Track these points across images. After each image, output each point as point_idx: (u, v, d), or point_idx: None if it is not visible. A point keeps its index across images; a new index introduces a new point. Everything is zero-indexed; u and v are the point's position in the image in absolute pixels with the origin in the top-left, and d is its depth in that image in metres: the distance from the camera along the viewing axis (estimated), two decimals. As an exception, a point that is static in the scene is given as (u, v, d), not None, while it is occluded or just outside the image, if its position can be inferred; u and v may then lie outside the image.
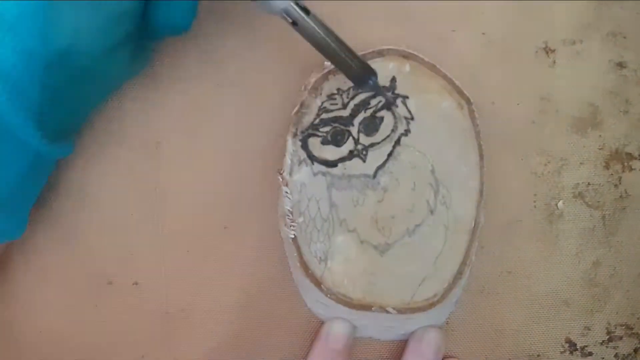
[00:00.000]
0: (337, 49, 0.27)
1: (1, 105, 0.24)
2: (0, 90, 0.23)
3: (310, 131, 0.30)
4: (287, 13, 0.26)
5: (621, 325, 0.33)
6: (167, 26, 0.27)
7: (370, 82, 0.29)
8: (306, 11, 0.27)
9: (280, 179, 0.30)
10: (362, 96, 0.30)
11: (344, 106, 0.30)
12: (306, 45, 0.30)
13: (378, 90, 0.30)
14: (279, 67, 0.30)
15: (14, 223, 0.28)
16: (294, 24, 0.26)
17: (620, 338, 0.33)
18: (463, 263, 0.30)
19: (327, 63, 0.30)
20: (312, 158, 0.30)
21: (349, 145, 0.30)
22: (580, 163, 0.32)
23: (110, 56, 0.26)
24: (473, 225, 0.31)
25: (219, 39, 0.32)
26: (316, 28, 0.27)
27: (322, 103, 0.29)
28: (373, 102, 0.30)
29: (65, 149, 0.28)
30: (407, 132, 0.30)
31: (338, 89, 0.30)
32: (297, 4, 0.26)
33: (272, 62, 0.30)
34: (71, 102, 0.26)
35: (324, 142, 0.30)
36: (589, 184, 0.32)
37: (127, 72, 0.29)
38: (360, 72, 0.28)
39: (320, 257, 0.30)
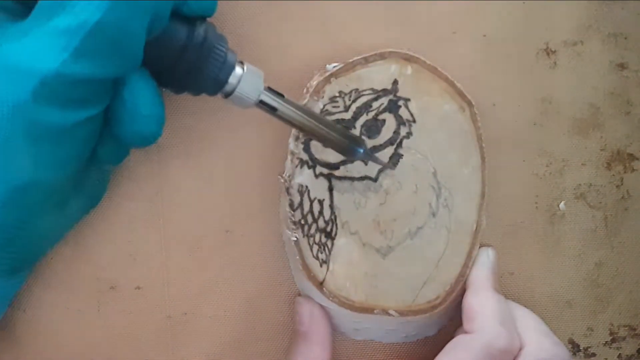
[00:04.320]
0: (319, 126, 0.27)
1: None
2: None
3: (312, 134, 0.30)
4: (262, 103, 0.26)
5: (624, 326, 0.33)
6: (135, 140, 0.25)
7: (360, 151, 0.28)
8: (280, 95, 0.26)
9: (282, 182, 0.30)
10: (364, 99, 0.30)
11: (346, 109, 0.30)
12: (308, 47, 0.31)
13: (370, 158, 0.29)
14: (280, 69, 0.30)
15: None
16: (273, 110, 0.26)
17: (624, 339, 0.33)
18: (465, 265, 0.30)
19: (329, 66, 0.30)
20: (314, 160, 0.29)
21: (351, 147, 0.30)
22: (582, 164, 0.32)
23: (69, 187, 0.25)
24: (475, 227, 0.31)
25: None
26: (295, 110, 0.26)
27: (324, 106, 0.29)
28: (375, 104, 0.30)
29: (18, 283, 0.27)
30: (409, 134, 0.30)
31: (340, 92, 0.30)
32: (269, 91, 0.26)
33: (273, 65, 0.30)
34: (27, 240, 0.25)
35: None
36: (590, 185, 0.32)
37: (88, 201, 0.28)
38: (346, 144, 0.28)
39: (322, 260, 0.30)
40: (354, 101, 0.30)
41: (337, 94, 0.30)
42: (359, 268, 0.30)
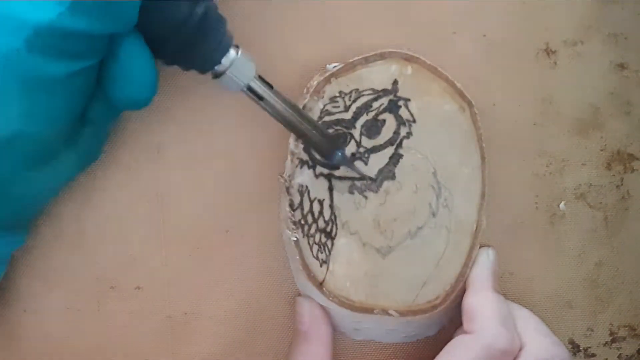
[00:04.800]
0: (302, 122, 0.27)
1: None
2: None
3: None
4: (250, 90, 0.26)
5: (624, 326, 0.33)
6: (126, 103, 0.26)
7: (339, 154, 0.28)
8: (269, 86, 0.26)
9: (282, 182, 0.30)
10: (364, 99, 0.30)
11: (346, 109, 0.30)
12: (308, 47, 0.31)
13: (346, 163, 0.29)
14: (280, 69, 0.30)
15: None
16: (260, 98, 0.26)
17: (624, 339, 0.33)
18: (465, 265, 0.30)
19: (329, 66, 0.30)
20: (314, 160, 0.29)
21: (351, 147, 0.30)
22: (582, 164, 0.32)
23: (60, 141, 0.25)
24: (475, 227, 0.31)
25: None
26: (281, 103, 0.26)
27: (325, 106, 0.29)
28: (375, 104, 0.30)
29: (16, 241, 0.27)
30: (409, 134, 0.30)
31: (340, 92, 0.30)
32: (259, 80, 0.26)
33: (274, 65, 0.30)
34: (19, 193, 0.25)
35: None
36: (590, 185, 0.32)
37: (79, 159, 0.27)
38: (327, 145, 0.28)
39: (322, 260, 0.30)
40: (354, 101, 0.30)
41: (338, 94, 0.30)
42: (359, 268, 0.30)
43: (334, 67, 0.29)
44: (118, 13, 0.22)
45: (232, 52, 0.25)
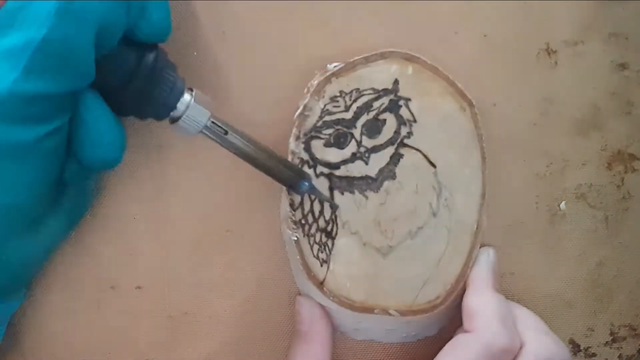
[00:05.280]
0: (264, 157, 0.27)
1: None
2: None
3: (313, 133, 0.30)
4: (208, 130, 0.26)
5: (625, 326, 0.33)
6: (97, 165, 0.26)
7: (306, 184, 0.28)
8: (226, 124, 0.26)
9: (283, 182, 0.30)
10: (364, 98, 0.30)
11: (347, 108, 0.30)
12: (309, 46, 0.31)
13: (315, 192, 0.29)
14: (281, 69, 0.30)
15: None
16: (219, 137, 0.26)
17: (624, 339, 0.33)
18: (466, 265, 0.30)
19: (330, 65, 0.30)
20: (314, 160, 0.29)
21: (351, 147, 0.30)
22: (583, 164, 0.32)
23: (41, 207, 0.25)
24: (475, 227, 0.31)
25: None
26: (240, 139, 0.27)
27: (325, 105, 0.29)
28: (376, 104, 0.30)
29: (13, 305, 0.27)
30: (409, 134, 0.30)
31: (341, 92, 0.30)
32: (216, 119, 0.26)
33: (275, 64, 0.30)
34: (8, 263, 0.25)
35: (327, 144, 0.30)
36: (591, 185, 0.32)
37: (66, 219, 0.27)
38: (291, 177, 0.28)
39: (322, 260, 0.30)
40: (354, 101, 0.30)
41: (338, 94, 0.30)
42: (360, 268, 0.30)
43: (335, 66, 0.29)
44: (74, 69, 0.22)
45: (186, 96, 0.26)
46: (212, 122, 0.26)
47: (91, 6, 0.22)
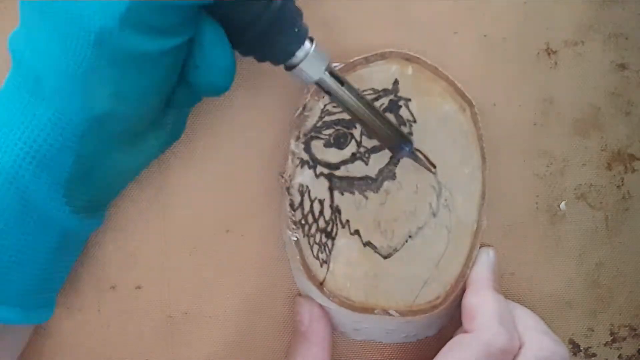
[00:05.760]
0: (372, 117, 0.27)
1: (26, 181, 0.23)
2: (26, 165, 0.23)
3: (313, 134, 0.30)
4: (321, 82, 0.26)
5: (625, 326, 0.33)
6: (207, 88, 0.26)
7: (406, 149, 0.28)
8: (340, 81, 0.26)
9: (283, 182, 0.30)
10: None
11: (347, 109, 0.30)
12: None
13: (413, 156, 0.29)
14: (281, 69, 0.30)
15: (42, 305, 0.26)
16: (329, 92, 0.26)
17: (624, 339, 0.33)
18: (465, 265, 0.30)
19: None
20: (314, 160, 0.29)
21: (351, 147, 0.30)
22: (583, 164, 0.32)
23: (147, 121, 0.25)
24: (475, 227, 0.31)
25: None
26: (352, 98, 0.27)
27: (325, 106, 0.29)
28: (376, 104, 0.30)
29: (95, 223, 0.27)
30: (409, 134, 0.30)
31: (340, 92, 0.30)
32: (331, 74, 0.26)
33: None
34: (104, 174, 0.25)
35: (327, 144, 0.30)
36: (591, 185, 0.32)
37: (163, 139, 0.28)
38: (395, 140, 0.28)
39: (322, 260, 0.30)
40: (354, 101, 0.30)
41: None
42: (360, 268, 0.30)
43: (335, 66, 0.29)
44: None
45: (307, 44, 0.25)
46: (328, 73, 0.26)
47: None
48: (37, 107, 0.23)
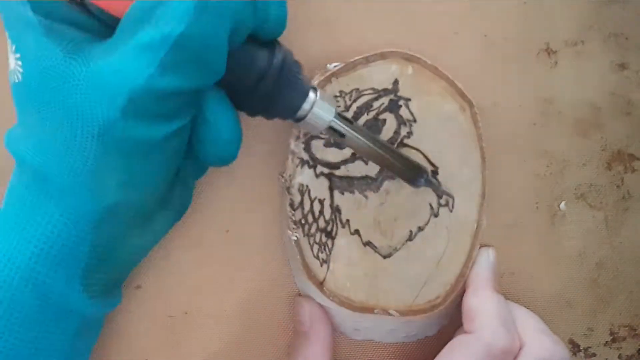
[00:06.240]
0: (385, 155, 0.27)
1: (42, 277, 0.23)
2: (42, 262, 0.23)
3: (312, 134, 0.30)
4: (332, 129, 0.26)
5: (624, 326, 0.33)
6: (214, 161, 0.26)
7: (422, 180, 0.29)
8: (349, 122, 0.26)
9: (283, 181, 0.30)
10: (364, 98, 0.30)
11: (347, 108, 0.30)
12: (308, 46, 0.31)
13: (431, 185, 0.29)
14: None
15: None
16: (341, 136, 0.26)
17: (624, 339, 0.33)
18: (465, 265, 0.30)
19: (330, 65, 0.30)
20: (314, 160, 0.29)
21: (351, 147, 0.30)
22: (583, 164, 0.32)
23: (157, 202, 0.25)
24: (475, 227, 0.31)
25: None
26: (362, 138, 0.26)
27: (325, 106, 0.29)
28: (375, 104, 0.30)
29: (113, 303, 0.27)
30: (409, 134, 0.30)
31: (341, 92, 0.30)
32: (340, 117, 0.26)
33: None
34: (119, 258, 0.25)
35: (327, 144, 0.30)
36: (591, 185, 0.32)
37: (172, 216, 0.28)
38: (409, 172, 0.28)
39: (322, 260, 0.30)
40: (354, 101, 0.30)
41: (338, 94, 0.30)
42: (360, 268, 0.30)
43: (335, 66, 0.29)
44: (208, 66, 0.22)
45: (311, 95, 0.25)
46: (336, 119, 0.26)
47: (227, 4, 0.21)
48: (47, 205, 0.23)
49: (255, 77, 0.24)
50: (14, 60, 0.22)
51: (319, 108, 0.25)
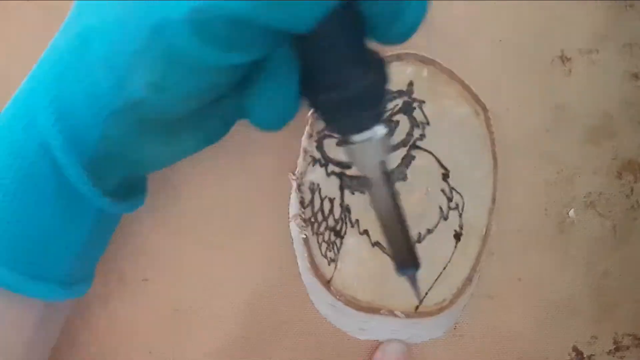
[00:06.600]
0: (397, 229, 0.24)
1: (57, 151, 0.22)
2: (55, 134, 0.22)
3: (325, 132, 0.30)
4: (368, 173, 0.23)
5: (628, 335, 0.33)
6: (256, 121, 0.24)
7: (409, 272, 0.25)
8: (386, 179, 0.23)
9: (293, 179, 0.30)
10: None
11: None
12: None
13: (412, 281, 0.25)
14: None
15: (82, 279, 0.26)
16: (369, 186, 0.23)
17: (627, 348, 0.33)
18: (473, 269, 0.30)
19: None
20: (326, 159, 0.29)
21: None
22: (593, 172, 0.32)
23: (183, 120, 0.23)
24: (484, 231, 0.31)
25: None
26: (387, 201, 0.23)
27: (339, 105, 0.29)
28: (390, 105, 0.30)
29: (132, 205, 0.26)
30: (422, 136, 0.30)
31: (356, 92, 0.30)
32: (381, 168, 0.23)
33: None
34: (131, 160, 0.24)
35: (339, 143, 0.30)
36: (600, 193, 0.33)
37: (200, 139, 0.25)
38: (403, 259, 0.24)
39: (330, 259, 0.30)
40: (369, 101, 0.30)
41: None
42: (367, 268, 0.30)
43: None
44: (297, 8, 0.18)
45: (377, 128, 0.22)
46: (380, 168, 0.23)
47: None
48: (78, 72, 0.21)
49: (342, 78, 0.21)
50: None
51: (375, 145, 0.22)
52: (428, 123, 0.30)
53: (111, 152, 0.23)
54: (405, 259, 0.25)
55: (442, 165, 0.30)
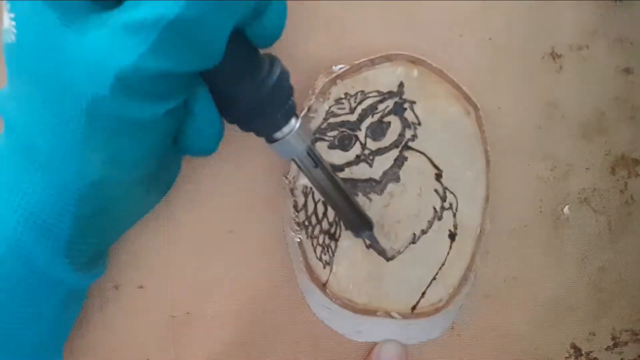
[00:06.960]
0: (340, 200, 0.27)
1: (28, 246, 0.23)
2: (27, 232, 0.23)
3: (317, 135, 0.30)
4: (299, 160, 0.26)
5: (626, 331, 0.33)
6: (194, 152, 0.27)
7: (365, 234, 0.29)
8: (315, 163, 0.26)
9: (287, 183, 0.30)
10: (369, 101, 0.30)
11: (352, 111, 0.30)
12: (314, 48, 0.31)
13: (372, 240, 0.30)
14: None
15: (50, 357, 0.27)
16: (305, 169, 0.26)
17: (626, 344, 0.33)
18: (468, 269, 0.30)
19: (335, 67, 0.30)
20: (318, 162, 0.29)
21: (355, 149, 0.30)
22: (586, 168, 0.32)
23: (144, 180, 0.25)
24: (479, 231, 0.31)
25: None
26: (324, 179, 0.27)
27: (330, 107, 0.29)
28: (380, 107, 0.30)
29: (97, 273, 0.27)
30: (414, 137, 0.30)
31: (346, 94, 0.30)
32: (309, 153, 0.26)
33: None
34: (103, 229, 0.25)
35: (331, 146, 0.30)
36: (594, 189, 0.32)
37: (157, 194, 0.28)
38: (356, 224, 0.28)
39: (325, 262, 0.30)
40: (359, 103, 0.30)
41: (343, 96, 0.30)
42: (363, 270, 0.30)
43: (340, 68, 0.29)
44: (203, 51, 0.21)
45: (292, 121, 0.25)
46: (307, 153, 0.26)
47: None
48: (33, 173, 0.23)
49: (247, 89, 0.23)
50: (8, 19, 0.21)
51: (296, 136, 0.25)
52: (419, 123, 0.30)
53: (85, 230, 0.24)
54: (358, 223, 0.28)
55: (434, 166, 0.30)
